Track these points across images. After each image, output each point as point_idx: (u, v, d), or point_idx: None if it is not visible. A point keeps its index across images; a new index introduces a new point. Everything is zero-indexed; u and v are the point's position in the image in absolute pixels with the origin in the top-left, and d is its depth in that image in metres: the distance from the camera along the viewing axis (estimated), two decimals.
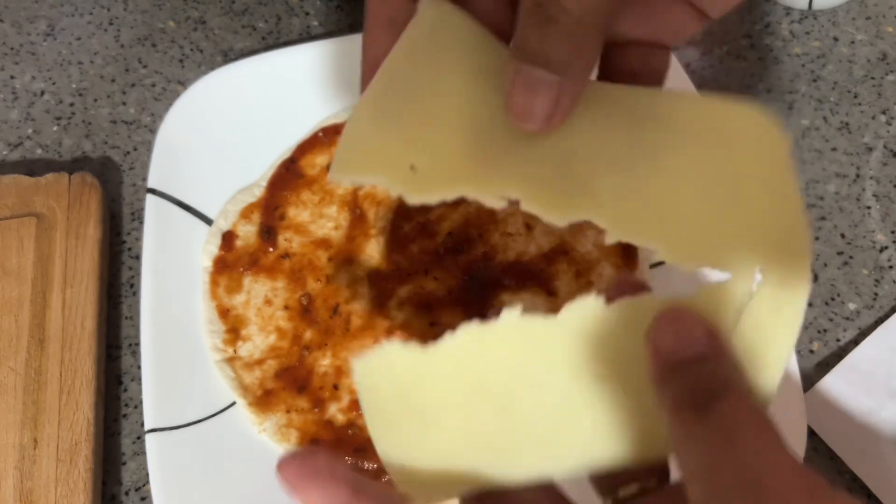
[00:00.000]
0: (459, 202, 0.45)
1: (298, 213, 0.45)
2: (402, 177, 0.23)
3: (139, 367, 0.43)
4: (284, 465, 0.22)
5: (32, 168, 0.49)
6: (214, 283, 0.43)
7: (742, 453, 0.19)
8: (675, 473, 0.22)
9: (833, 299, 0.44)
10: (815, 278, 0.45)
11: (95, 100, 0.52)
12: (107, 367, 0.43)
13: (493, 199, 0.23)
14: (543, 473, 0.24)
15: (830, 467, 0.40)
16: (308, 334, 0.42)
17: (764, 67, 0.52)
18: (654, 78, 0.28)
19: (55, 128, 0.51)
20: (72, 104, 0.52)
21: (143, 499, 0.40)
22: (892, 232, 0.46)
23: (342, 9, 0.55)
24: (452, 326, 0.35)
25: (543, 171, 0.24)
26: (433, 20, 0.27)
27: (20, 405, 0.40)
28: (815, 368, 0.42)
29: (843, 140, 0.49)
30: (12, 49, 0.54)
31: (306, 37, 0.54)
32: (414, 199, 0.23)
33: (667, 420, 0.21)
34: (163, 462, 0.38)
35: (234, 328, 0.42)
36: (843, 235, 0.46)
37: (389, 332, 0.42)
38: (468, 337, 0.23)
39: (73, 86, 0.52)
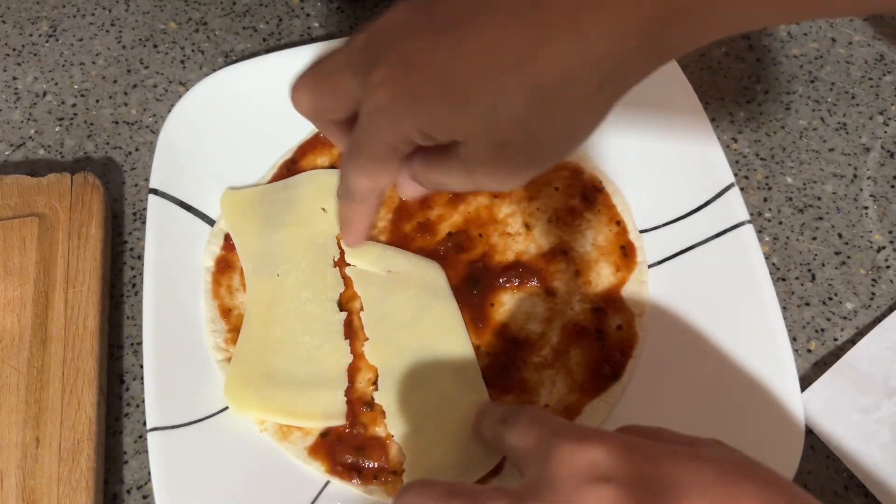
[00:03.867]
0: (459, 202, 0.45)
1: None
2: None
3: (141, 367, 0.43)
4: None
5: (35, 168, 0.50)
6: (216, 282, 0.43)
7: None
8: None
9: (830, 299, 0.44)
10: (813, 278, 0.45)
11: (97, 100, 0.52)
12: (109, 366, 0.43)
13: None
14: None
15: (828, 466, 0.40)
16: None
17: (762, 68, 0.52)
18: None
19: (57, 128, 0.51)
20: (74, 105, 0.52)
21: (144, 497, 0.40)
22: (890, 232, 0.46)
23: (343, 10, 0.55)
24: None
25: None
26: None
27: (23, 404, 0.40)
28: (812, 368, 0.43)
29: (841, 140, 0.49)
30: (14, 50, 0.54)
31: (307, 38, 0.54)
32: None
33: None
34: (164, 460, 0.38)
35: (236, 328, 0.42)
36: (840, 235, 0.46)
37: None
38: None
39: (75, 87, 0.53)
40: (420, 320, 0.41)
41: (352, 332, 0.42)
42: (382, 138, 0.30)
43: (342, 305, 0.43)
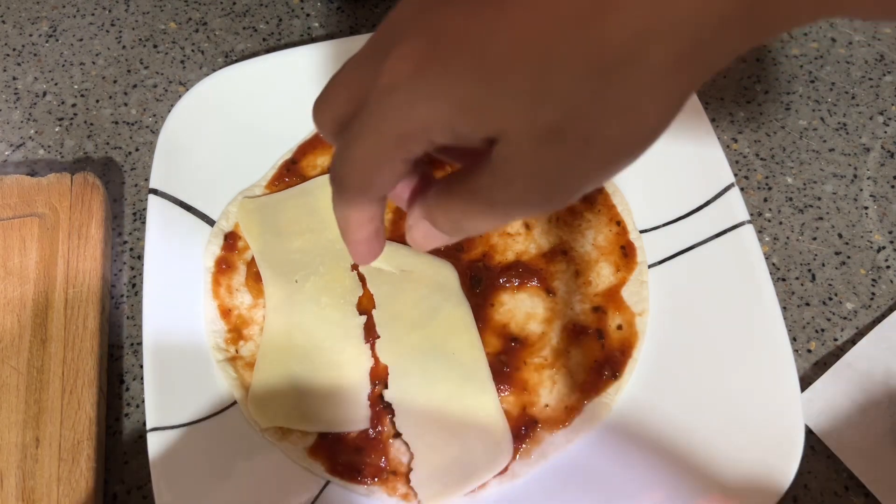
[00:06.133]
0: None
1: None
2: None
3: (141, 367, 0.43)
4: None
5: (35, 168, 0.50)
6: (216, 283, 0.43)
7: None
8: None
9: (830, 299, 0.44)
10: (813, 278, 0.45)
11: (97, 101, 0.52)
12: (108, 366, 0.43)
13: None
14: None
15: (828, 466, 0.40)
16: None
17: (762, 68, 0.52)
18: None
19: (57, 128, 0.51)
20: (74, 105, 0.52)
21: (144, 497, 0.40)
22: (890, 232, 0.46)
23: (343, 10, 0.55)
24: None
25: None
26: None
27: (22, 404, 0.40)
28: (812, 368, 0.43)
29: (841, 141, 0.49)
30: (14, 50, 0.54)
31: (307, 38, 0.54)
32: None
33: None
34: (164, 460, 0.38)
35: (236, 328, 0.42)
36: (840, 235, 0.46)
37: None
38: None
39: (75, 87, 0.53)
40: (432, 320, 0.41)
41: (373, 335, 0.42)
42: (392, 123, 0.23)
43: (361, 309, 0.43)
